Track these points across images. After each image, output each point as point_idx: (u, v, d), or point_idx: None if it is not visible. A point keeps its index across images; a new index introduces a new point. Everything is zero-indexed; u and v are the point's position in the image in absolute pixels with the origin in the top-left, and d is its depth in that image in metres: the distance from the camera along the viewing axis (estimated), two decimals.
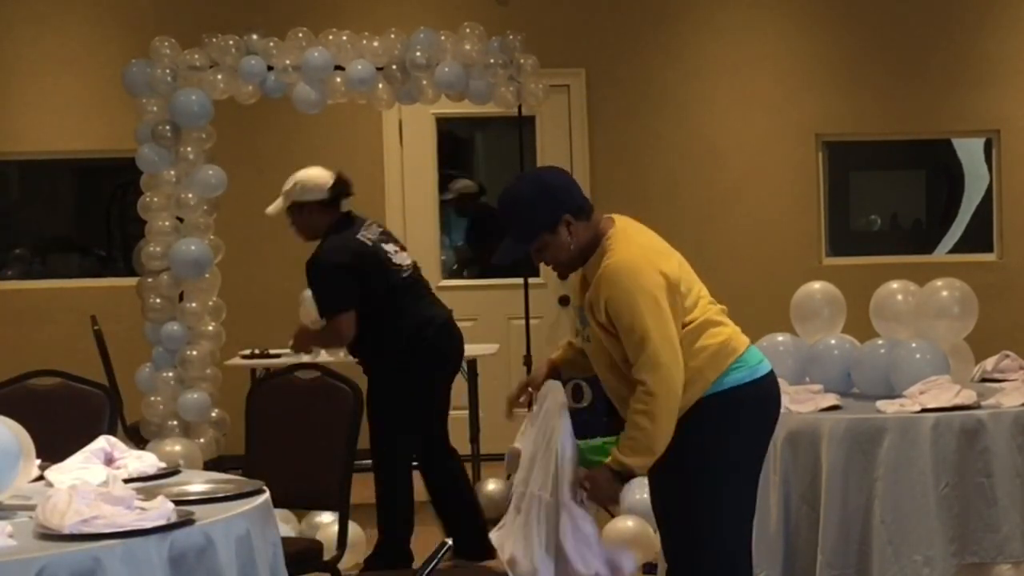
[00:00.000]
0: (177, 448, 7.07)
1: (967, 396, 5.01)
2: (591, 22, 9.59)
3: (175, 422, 7.36)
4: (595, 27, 9.59)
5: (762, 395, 4.12)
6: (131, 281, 7.92)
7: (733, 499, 4.09)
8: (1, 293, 9.67)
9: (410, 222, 9.63)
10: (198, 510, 3.28)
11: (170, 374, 7.35)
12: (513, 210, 4.11)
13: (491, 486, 7.50)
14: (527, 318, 7.89)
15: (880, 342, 5.50)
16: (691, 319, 4.04)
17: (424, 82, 7.37)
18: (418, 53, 7.27)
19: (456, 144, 10.27)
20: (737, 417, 4.06)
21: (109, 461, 3.83)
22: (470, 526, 6.18)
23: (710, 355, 4.03)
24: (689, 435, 4.03)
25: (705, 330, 4.04)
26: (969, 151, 10.24)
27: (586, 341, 4.16)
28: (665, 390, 3.91)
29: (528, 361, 7.74)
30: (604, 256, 4.04)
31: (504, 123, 8.81)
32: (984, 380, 5.68)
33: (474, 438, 7.91)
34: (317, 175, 6.30)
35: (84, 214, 10.62)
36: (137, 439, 7.23)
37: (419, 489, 7.66)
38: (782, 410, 5.00)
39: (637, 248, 4.05)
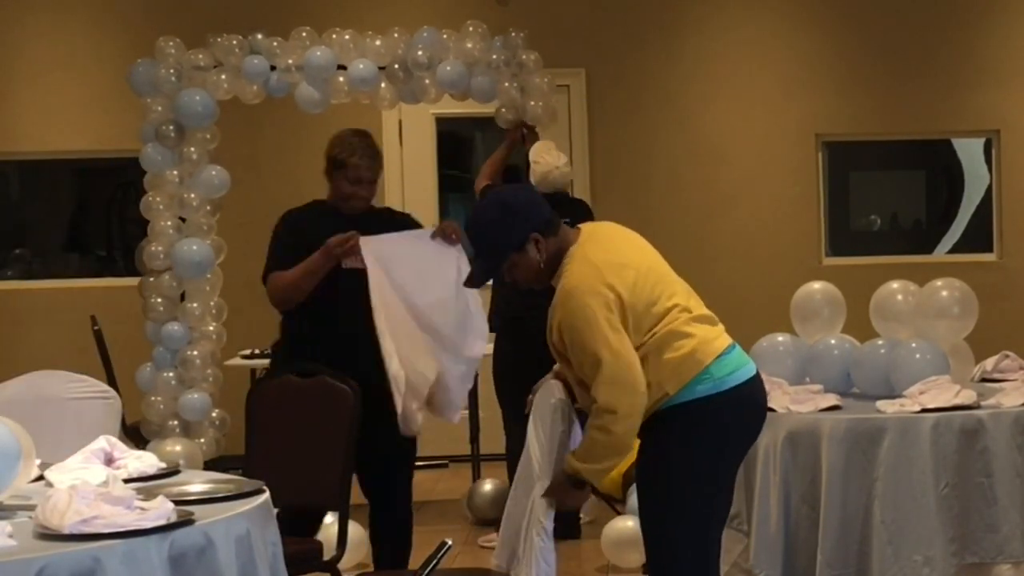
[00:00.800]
0: (177, 448, 7.08)
1: (967, 396, 5.01)
2: (591, 22, 9.59)
3: (175, 422, 7.36)
4: (595, 27, 9.59)
5: (725, 407, 4.03)
6: (131, 281, 7.92)
7: (693, 510, 4.05)
8: (1, 293, 9.68)
9: None
10: (198, 510, 3.28)
11: (171, 374, 7.36)
12: (481, 233, 4.12)
13: (487, 487, 7.51)
14: None
15: (880, 342, 5.50)
16: (654, 332, 3.99)
17: (427, 81, 7.38)
18: (420, 52, 7.27)
19: (456, 144, 10.28)
20: (697, 430, 4.01)
21: (109, 461, 3.83)
22: None
23: (671, 369, 3.97)
24: (650, 445, 4.03)
25: (668, 343, 3.99)
26: (969, 151, 10.25)
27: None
28: (625, 408, 3.90)
29: None
30: (560, 279, 4.04)
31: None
32: (984, 380, 5.68)
33: (474, 438, 7.91)
34: None
35: (84, 214, 10.63)
36: (137, 439, 7.23)
37: (424, 489, 7.66)
38: (782, 410, 5.03)
39: (589, 267, 4.01)
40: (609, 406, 3.89)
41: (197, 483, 3.70)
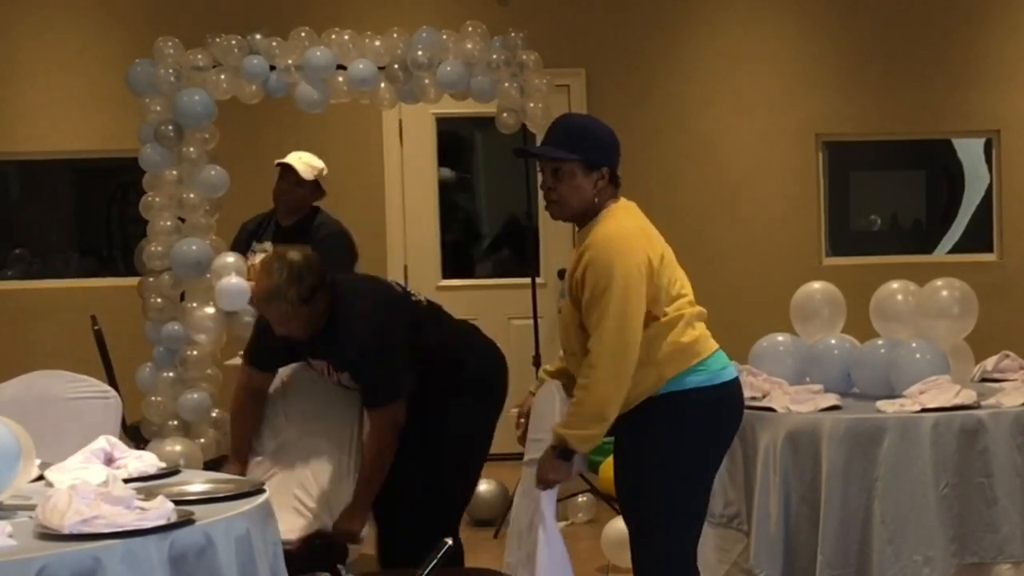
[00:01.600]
0: (177, 448, 7.08)
1: (967, 396, 5.01)
2: (591, 22, 9.59)
3: (175, 422, 7.36)
4: (595, 27, 9.59)
5: (718, 400, 4.11)
6: (131, 281, 7.92)
7: (676, 501, 4.08)
8: (1, 293, 9.68)
9: (410, 222, 9.64)
10: (198, 510, 3.28)
11: (170, 374, 7.36)
12: (576, 127, 4.16)
13: (482, 487, 7.50)
14: (535, 318, 7.87)
15: (880, 342, 5.50)
16: (666, 313, 4.05)
17: (426, 81, 7.38)
18: (420, 52, 7.27)
19: (456, 144, 10.28)
20: (688, 418, 4.06)
21: (109, 461, 3.83)
22: None
23: (674, 353, 4.03)
24: (641, 431, 4.05)
25: (675, 327, 4.05)
26: (969, 151, 10.25)
27: (559, 313, 4.20)
28: (609, 365, 3.92)
29: (537, 361, 7.70)
30: (599, 224, 4.07)
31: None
32: (984, 380, 5.68)
33: None
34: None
35: (84, 214, 10.63)
36: (137, 439, 7.23)
37: None
38: (782, 410, 5.03)
39: (634, 225, 4.10)
40: (596, 361, 3.93)
41: (197, 483, 3.70)
